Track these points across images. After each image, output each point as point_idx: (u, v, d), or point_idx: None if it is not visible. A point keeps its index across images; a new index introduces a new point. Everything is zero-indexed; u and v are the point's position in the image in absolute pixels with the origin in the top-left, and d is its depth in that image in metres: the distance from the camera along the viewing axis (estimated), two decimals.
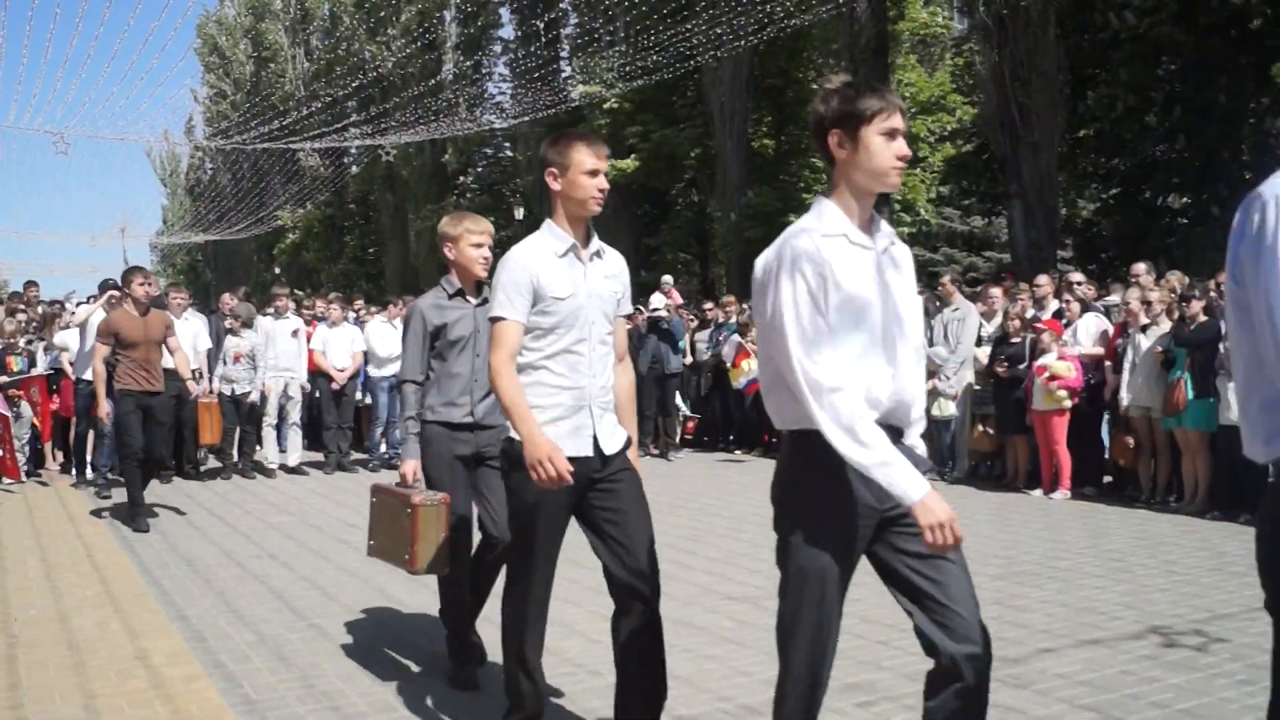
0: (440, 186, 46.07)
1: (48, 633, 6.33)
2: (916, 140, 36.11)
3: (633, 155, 32.00)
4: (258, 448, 13.91)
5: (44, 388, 13.35)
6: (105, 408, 9.83)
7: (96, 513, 10.82)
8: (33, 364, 13.42)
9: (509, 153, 46.76)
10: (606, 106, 32.30)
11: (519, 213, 39.73)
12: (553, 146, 4.02)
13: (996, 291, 12.97)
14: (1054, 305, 12.06)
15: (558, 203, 4.04)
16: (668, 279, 18.64)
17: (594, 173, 3.96)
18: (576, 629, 6.22)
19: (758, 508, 10.64)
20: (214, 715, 4.90)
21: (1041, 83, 21.82)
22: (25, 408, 13.02)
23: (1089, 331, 11.43)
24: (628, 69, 29.69)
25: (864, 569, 3.39)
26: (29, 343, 13.63)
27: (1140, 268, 12.02)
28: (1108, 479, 11.59)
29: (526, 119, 35.43)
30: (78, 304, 14.43)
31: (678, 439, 15.74)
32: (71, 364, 13.18)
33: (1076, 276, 12.63)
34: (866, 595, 6.79)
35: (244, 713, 4.93)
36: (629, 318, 6.17)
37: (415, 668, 5.56)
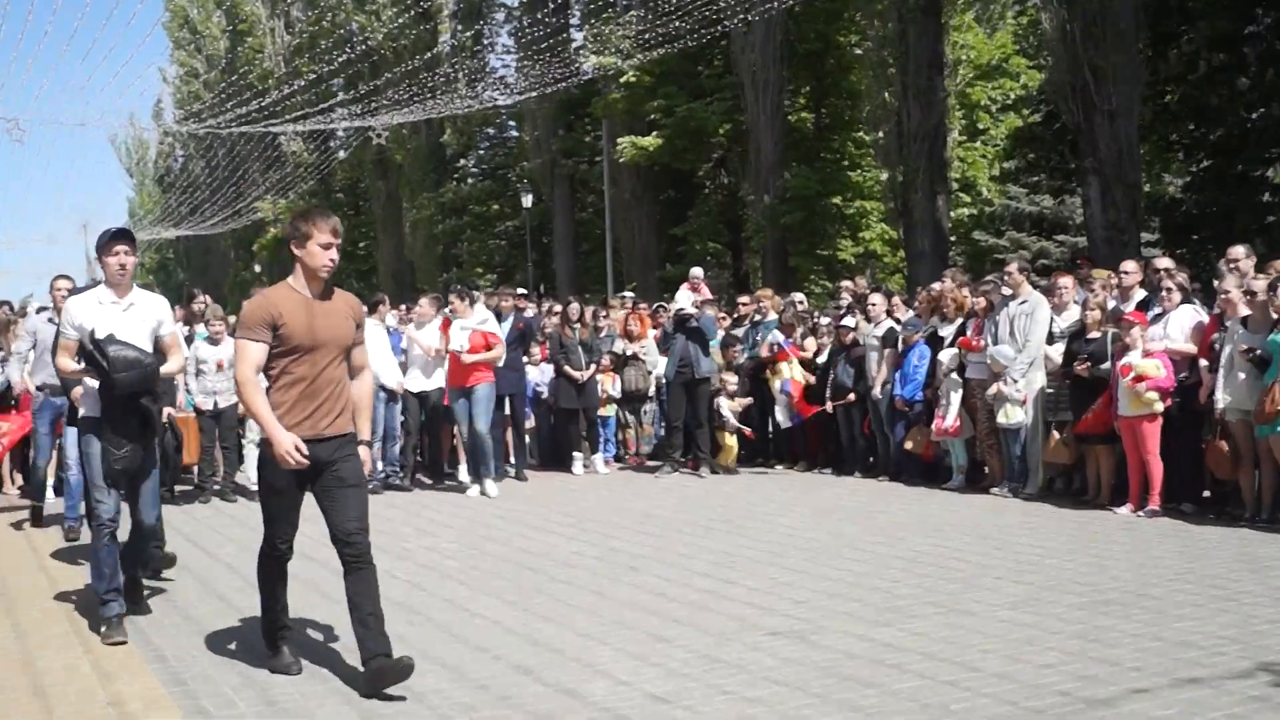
0: (438, 171, 46.26)
1: (9, 676, 6.31)
2: (975, 110, 36.04)
3: (654, 132, 31.96)
4: (239, 468, 13.90)
5: None
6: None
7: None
8: None
9: (514, 133, 46.86)
10: (623, 80, 32.29)
11: (527, 199, 39.75)
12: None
13: (1067, 281, 12.78)
14: (1139, 295, 11.87)
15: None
16: (697, 271, 18.53)
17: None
18: (600, 669, 6.17)
19: (802, 529, 10.59)
20: None
21: (1117, 42, 21.68)
22: None
23: (1182, 325, 11.20)
24: (647, 36, 29.66)
25: (922, 608, 3.32)
26: None
27: (1238, 251, 11.79)
28: (1205, 494, 11.41)
29: (534, 95, 35.42)
30: (38, 309, 14.40)
31: (710, 452, 15.61)
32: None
33: (1165, 261, 12.44)
34: (930, 630, 6.75)
35: None
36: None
37: (422, 712, 5.52)
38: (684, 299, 15.65)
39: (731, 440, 15.03)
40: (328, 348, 6.02)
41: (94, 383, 7.24)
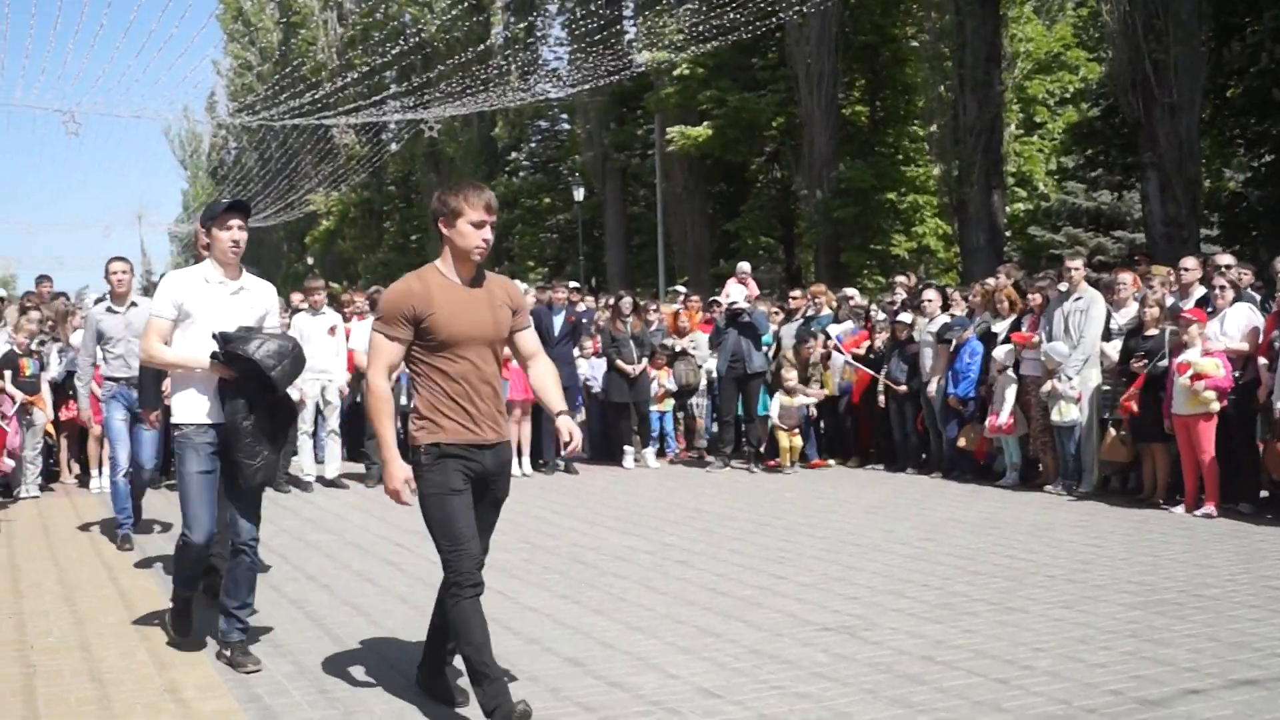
0: (490, 164, 46.38)
1: (68, 663, 6.42)
2: (1033, 104, 35.82)
3: (706, 122, 31.88)
4: (292, 458, 14.02)
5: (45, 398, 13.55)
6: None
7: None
8: (43, 367, 13.62)
9: (566, 126, 46.92)
10: (676, 73, 32.25)
11: (578, 193, 39.78)
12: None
13: (1126, 277, 12.71)
14: (1199, 292, 11.78)
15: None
16: (744, 265, 18.58)
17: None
18: (651, 662, 6.22)
19: (853, 525, 10.60)
20: None
21: (1179, 34, 21.52)
22: (38, 415, 13.23)
23: (1238, 323, 11.13)
24: (700, 28, 29.63)
25: (974, 605, 3.34)
26: (41, 344, 13.82)
27: None
28: (1263, 494, 11.33)
29: (586, 87, 35.44)
30: (95, 300, 14.57)
31: (763, 447, 15.63)
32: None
33: (1225, 258, 12.33)
34: (982, 628, 6.76)
35: None
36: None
37: (473, 705, 5.57)
38: (736, 292, 15.67)
39: (791, 440, 14.95)
40: (483, 341, 5.31)
41: (192, 372, 6.29)
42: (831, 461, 15.38)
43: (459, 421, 5.22)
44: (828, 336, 15.14)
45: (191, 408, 6.34)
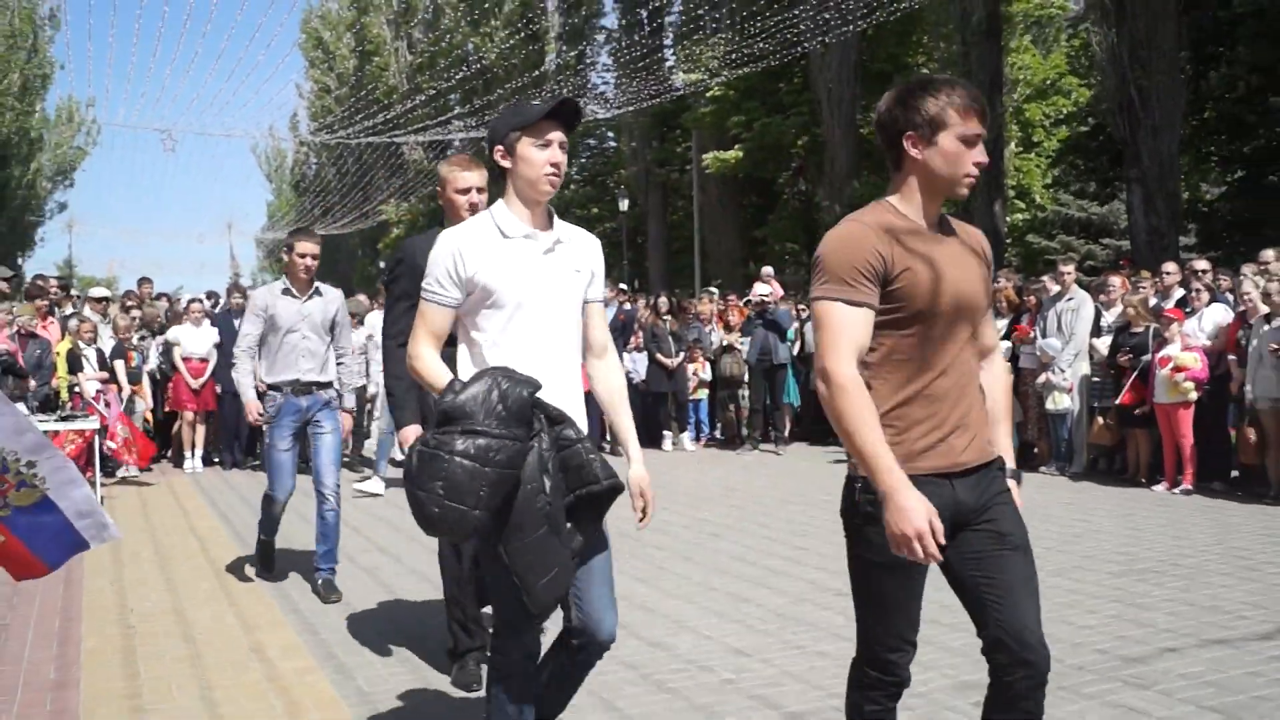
0: None
1: (164, 625, 6.51)
2: (1031, 125, 35.64)
3: (737, 145, 31.93)
4: (364, 441, 14.12)
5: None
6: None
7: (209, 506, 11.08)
8: (145, 360, 13.79)
9: (613, 143, 46.92)
10: (710, 94, 32.23)
11: (624, 204, 39.84)
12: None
13: (1116, 280, 12.75)
14: (1178, 293, 11.82)
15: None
16: (768, 269, 18.63)
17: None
18: (687, 625, 6.25)
19: None
20: (328, 707, 5.02)
21: (1162, 63, 21.34)
22: (138, 403, 13.38)
23: (1215, 322, 11.17)
24: (733, 56, 29.62)
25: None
26: (141, 338, 14.00)
27: (1269, 254, 11.73)
28: (1234, 474, 11.34)
29: (631, 109, 35.48)
30: (189, 301, 14.73)
31: (786, 431, 15.69)
32: (185, 359, 13.50)
33: (1201, 264, 12.37)
34: None
35: (357, 704, 5.04)
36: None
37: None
38: (763, 291, 15.73)
39: None
40: (962, 312, 3.11)
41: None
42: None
43: (927, 436, 3.13)
44: None
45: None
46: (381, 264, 56.83)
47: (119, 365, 13.04)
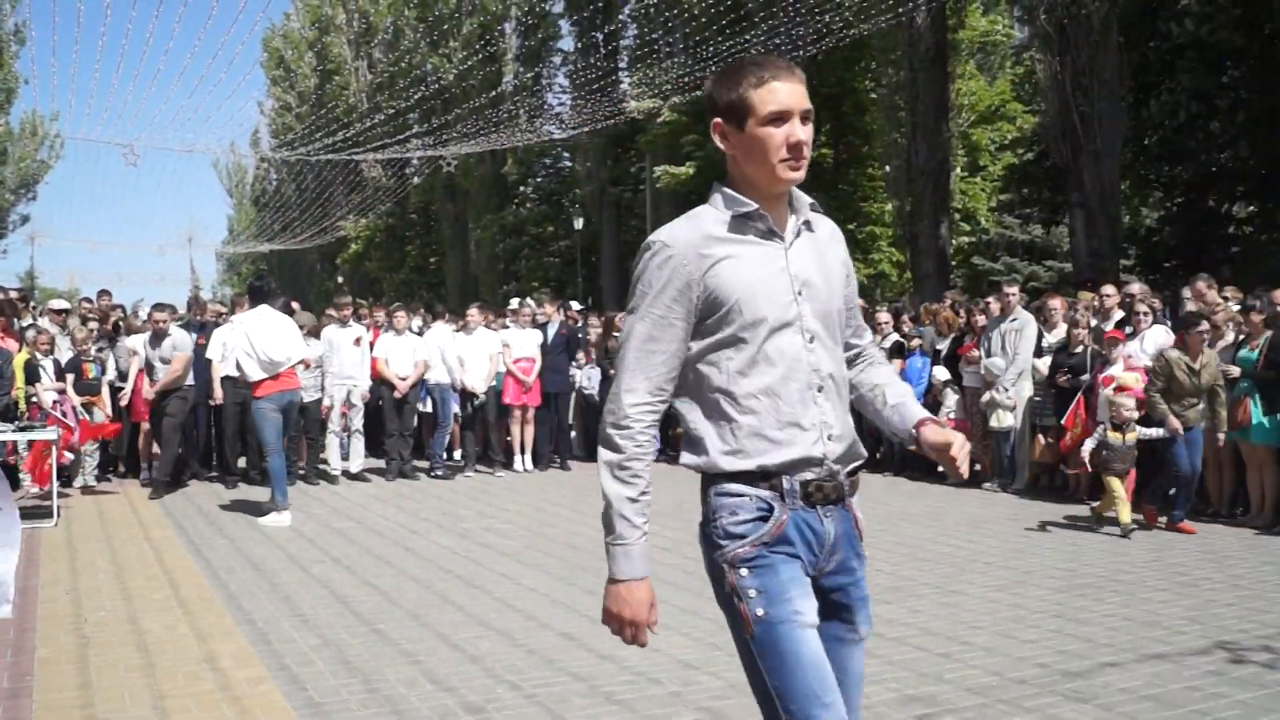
0: (500, 196, 46.32)
1: (118, 634, 6.42)
2: (976, 149, 35.94)
3: (689, 162, 31.98)
4: (320, 454, 14.01)
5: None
6: None
7: (163, 517, 10.95)
8: (103, 371, 13.62)
9: (568, 163, 46.93)
10: (661, 120, 32.29)
11: (578, 222, 39.85)
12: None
13: (1057, 303, 12.83)
14: (1118, 315, 11.89)
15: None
16: None
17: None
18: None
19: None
20: (280, 717, 4.95)
21: (1103, 91, 21.56)
22: (97, 414, 13.20)
23: (1156, 343, 11.17)
24: (686, 79, 29.67)
25: (919, 588, 3.32)
26: (100, 350, 13.82)
27: (1200, 285, 11.78)
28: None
29: (586, 130, 35.52)
30: (151, 309, 14.55)
31: None
32: (140, 370, 13.32)
33: (1135, 287, 12.46)
34: (926, 608, 6.76)
35: (308, 715, 4.97)
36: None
37: (478, 673, 5.57)
38: None
39: None
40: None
41: None
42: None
43: None
44: None
45: None
46: (340, 279, 56.61)
47: (69, 379, 12.87)
